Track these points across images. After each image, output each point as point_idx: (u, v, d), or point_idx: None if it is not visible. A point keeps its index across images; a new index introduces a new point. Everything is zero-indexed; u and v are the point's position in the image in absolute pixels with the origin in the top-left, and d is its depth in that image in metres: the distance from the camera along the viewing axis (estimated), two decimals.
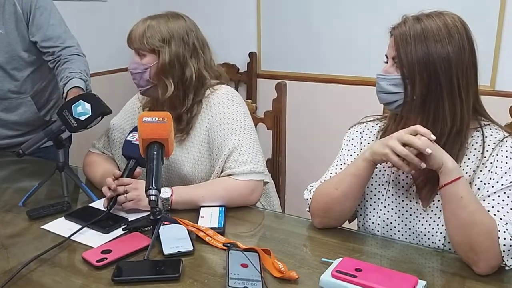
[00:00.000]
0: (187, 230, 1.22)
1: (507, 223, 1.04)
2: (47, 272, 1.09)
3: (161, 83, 1.48)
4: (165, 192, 1.35)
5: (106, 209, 1.33)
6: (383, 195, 1.26)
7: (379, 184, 1.27)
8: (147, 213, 1.20)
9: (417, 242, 1.21)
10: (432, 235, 1.18)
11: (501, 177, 1.10)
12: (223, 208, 1.36)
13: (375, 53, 1.54)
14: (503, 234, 1.02)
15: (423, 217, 1.20)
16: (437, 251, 1.16)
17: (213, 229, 1.23)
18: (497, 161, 1.12)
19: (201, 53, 1.51)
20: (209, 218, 1.30)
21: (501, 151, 1.13)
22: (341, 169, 1.30)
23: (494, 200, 1.09)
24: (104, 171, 1.53)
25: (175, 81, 1.47)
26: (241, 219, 1.36)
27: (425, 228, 1.19)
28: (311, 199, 1.28)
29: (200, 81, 1.50)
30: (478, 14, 2.23)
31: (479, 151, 1.15)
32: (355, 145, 1.32)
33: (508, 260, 1.03)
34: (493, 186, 1.10)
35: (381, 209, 1.26)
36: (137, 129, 1.24)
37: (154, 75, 1.48)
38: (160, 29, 1.45)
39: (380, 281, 0.96)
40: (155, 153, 1.19)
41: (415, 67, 1.11)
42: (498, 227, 1.03)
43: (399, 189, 1.24)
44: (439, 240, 1.17)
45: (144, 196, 1.21)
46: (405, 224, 1.23)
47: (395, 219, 1.24)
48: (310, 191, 1.30)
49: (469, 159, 1.16)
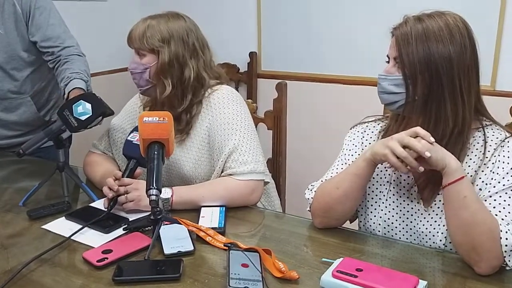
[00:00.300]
0: (188, 230, 1.22)
1: (508, 223, 1.04)
2: (48, 272, 1.08)
3: (159, 83, 1.48)
4: (166, 192, 1.35)
5: (106, 209, 1.33)
6: (384, 195, 1.26)
7: (380, 184, 1.27)
8: (148, 213, 1.20)
9: (418, 242, 1.21)
10: (433, 235, 1.18)
11: (503, 178, 1.10)
12: (224, 208, 1.36)
13: (375, 53, 1.54)
14: (505, 234, 1.02)
15: (424, 217, 1.20)
16: (438, 251, 1.16)
17: (213, 229, 1.23)
18: (498, 161, 1.12)
19: (201, 53, 1.51)
20: (210, 218, 1.30)
21: (503, 151, 1.13)
22: (342, 169, 1.29)
23: (495, 200, 1.09)
24: (104, 171, 1.53)
25: (174, 81, 1.47)
26: (242, 219, 1.36)
27: (426, 228, 1.19)
28: (312, 198, 1.28)
29: (199, 81, 1.50)
30: (478, 14, 2.23)
31: (481, 152, 1.15)
32: (356, 145, 1.32)
33: (509, 260, 1.03)
34: (494, 186, 1.10)
35: (382, 209, 1.25)
36: (137, 129, 1.23)
37: (153, 75, 1.47)
38: (160, 29, 1.45)
39: (381, 281, 0.96)
40: (155, 153, 1.19)
41: (417, 67, 1.11)
42: (500, 227, 1.03)
43: (400, 189, 1.24)
44: (440, 240, 1.16)
45: (144, 196, 1.21)
46: (406, 224, 1.23)
47: (396, 219, 1.24)
48: (311, 190, 1.29)
49: (470, 159, 1.16)
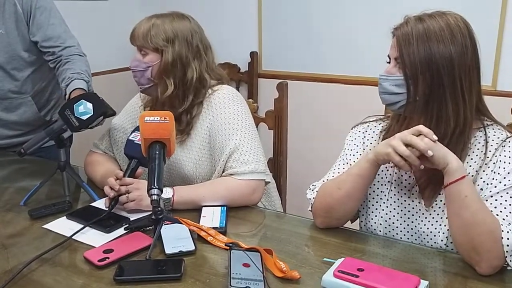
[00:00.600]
0: (189, 229, 1.22)
1: (510, 223, 1.04)
2: (48, 271, 1.08)
3: (161, 82, 1.48)
4: (167, 192, 1.35)
5: (107, 209, 1.33)
6: (385, 195, 1.26)
7: (381, 184, 1.27)
8: (149, 213, 1.20)
9: (419, 242, 1.21)
10: (434, 235, 1.18)
11: (504, 178, 1.10)
12: (225, 207, 1.36)
13: (376, 53, 1.54)
14: (506, 234, 1.02)
15: (426, 217, 1.20)
16: (439, 251, 1.16)
17: (215, 228, 1.23)
18: (500, 161, 1.12)
19: (204, 55, 1.51)
20: (211, 217, 1.30)
21: (504, 151, 1.13)
22: (343, 169, 1.29)
23: (497, 200, 1.09)
24: (105, 171, 1.53)
25: (176, 81, 1.46)
26: (243, 219, 1.36)
27: (427, 228, 1.19)
28: (313, 198, 1.27)
29: (201, 83, 1.50)
30: (479, 14, 2.23)
31: (482, 151, 1.15)
32: (357, 145, 1.32)
33: (511, 260, 1.03)
34: (496, 186, 1.10)
35: (383, 209, 1.25)
36: (139, 128, 1.23)
37: (155, 74, 1.47)
38: (164, 28, 1.45)
39: (382, 281, 0.96)
40: (157, 152, 1.19)
41: (418, 68, 1.11)
42: (501, 227, 1.03)
43: (402, 189, 1.24)
44: (442, 240, 1.16)
45: (145, 196, 1.21)
46: (407, 224, 1.23)
47: (397, 219, 1.24)
48: (313, 190, 1.29)
49: (472, 159, 1.16)
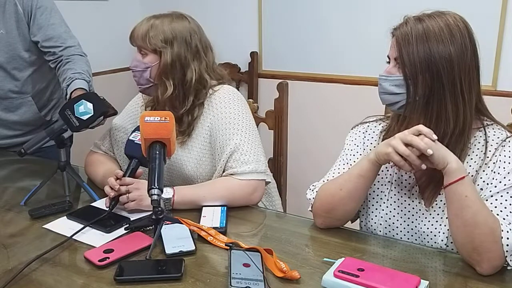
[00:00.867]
0: (189, 229, 1.22)
1: (510, 223, 1.04)
2: (49, 271, 1.08)
3: (161, 83, 1.48)
4: (167, 192, 1.35)
5: (108, 209, 1.33)
6: (385, 195, 1.26)
7: (381, 184, 1.27)
8: (149, 213, 1.20)
9: (420, 242, 1.21)
10: (434, 235, 1.18)
11: (504, 177, 1.10)
12: (225, 207, 1.36)
13: (376, 52, 1.54)
14: (506, 234, 1.02)
15: (426, 217, 1.20)
16: (440, 251, 1.16)
17: (215, 228, 1.23)
18: (500, 161, 1.12)
19: (204, 55, 1.50)
20: (211, 217, 1.30)
21: (504, 151, 1.13)
22: (343, 169, 1.30)
23: (497, 200, 1.09)
24: (105, 171, 1.53)
25: (176, 82, 1.46)
26: (243, 219, 1.36)
27: (427, 228, 1.19)
28: (313, 199, 1.27)
29: (201, 83, 1.50)
30: (479, 14, 2.22)
31: (482, 151, 1.15)
32: (358, 145, 1.32)
33: (511, 260, 1.03)
34: (496, 186, 1.10)
35: (383, 209, 1.25)
36: (139, 128, 1.24)
37: (155, 75, 1.48)
38: (163, 29, 1.45)
39: (382, 281, 0.96)
40: (157, 152, 1.19)
41: (417, 68, 1.11)
42: (501, 227, 1.03)
43: (402, 189, 1.24)
44: (442, 240, 1.16)
45: (146, 196, 1.22)
46: (408, 224, 1.23)
47: (398, 219, 1.24)
48: (313, 190, 1.29)
49: (471, 159, 1.16)
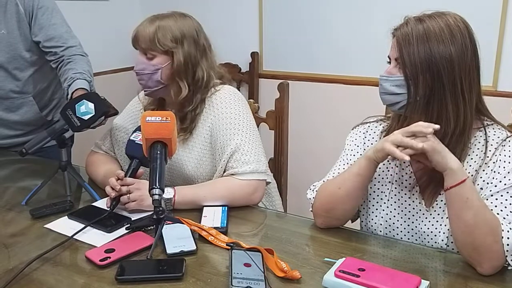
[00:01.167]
0: (190, 229, 1.22)
1: (510, 222, 1.05)
2: (50, 271, 1.09)
3: (174, 85, 1.47)
4: (168, 192, 1.35)
5: (109, 209, 1.34)
6: (386, 195, 1.26)
7: (382, 184, 1.27)
8: (150, 213, 1.20)
9: (420, 242, 1.21)
10: (435, 235, 1.18)
11: (504, 177, 1.10)
12: (226, 207, 1.36)
13: (377, 53, 1.54)
14: (506, 233, 1.02)
15: (426, 217, 1.20)
16: (440, 251, 1.16)
17: (216, 228, 1.24)
18: (500, 160, 1.12)
19: (209, 53, 1.51)
20: (212, 217, 1.30)
21: (504, 150, 1.13)
22: (344, 169, 1.30)
23: (497, 199, 1.09)
24: (106, 171, 1.53)
25: (189, 82, 1.46)
26: (244, 219, 1.36)
27: (428, 228, 1.19)
28: (313, 198, 1.28)
29: (208, 81, 1.50)
30: (480, 14, 2.23)
31: (482, 151, 1.15)
32: (358, 145, 1.32)
33: (511, 260, 1.03)
34: (496, 185, 1.10)
35: (383, 209, 1.26)
36: (140, 128, 1.24)
37: (167, 76, 1.46)
38: (171, 29, 1.43)
39: (383, 281, 0.96)
40: (158, 152, 1.19)
41: (418, 68, 1.11)
42: (501, 227, 1.03)
43: (402, 189, 1.24)
44: (442, 240, 1.16)
45: (147, 196, 1.22)
46: (408, 224, 1.23)
47: (398, 219, 1.24)
48: (313, 190, 1.30)
49: (472, 159, 1.16)
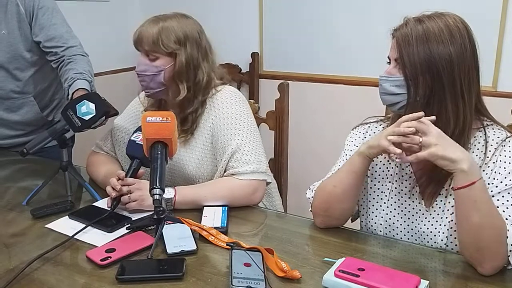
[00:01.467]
0: (191, 229, 1.22)
1: None
2: (50, 271, 1.09)
3: (172, 86, 1.47)
4: (168, 192, 1.35)
5: (109, 209, 1.34)
6: (386, 195, 1.26)
7: (382, 184, 1.27)
8: (151, 213, 1.21)
9: (420, 242, 1.22)
10: (434, 235, 1.18)
11: (505, 177, 1.10)
12: (226, 207, 1.36)
13: (377, 53, 1.54)
14: (510, 233, 1.02)
15: (426, 217, 1.20)
16: (440, 251, 1.16)
17: (216, 228, 1.24)
18: (500, 161, 1.12)
19: (210, 54, 1.51)
20: (212, 217, 1.31)
21: (504, 151, 1.13)
22: None
23: (498, 200, 1.09)
24: (107, 171, 1.53)
25: (189, 84, 1.46)
26: (244, 219, 1.36)
27: (427, 228, 1.20)
28: (312, 198, 1.28)
29: (209, 82, 1.50)
30: (480, 14, 2.23)
31: (482, 152, 1.15)
32: (357, 146, 1.32)
33: None
34: (497, 186, 1.10)
35: (383, 209, 1.26)
36: (141, 128, 1.24)
37: (169, 77, 1.46)
38: (174, 30, 1.43)
39: (382, 281, 0.96)
40: (159, 152, 1.20)
41: (418, 68, 1.11)
42: (506, 227, 1.03)
43: (402, 189, 1.24)
44: (442, 240, 1.17)
45: (147, 196, 1.22)
46: (408, 224, 1.23)
47: (398, 219, 1.24)
48: (312, 190, 1.30)
49: None
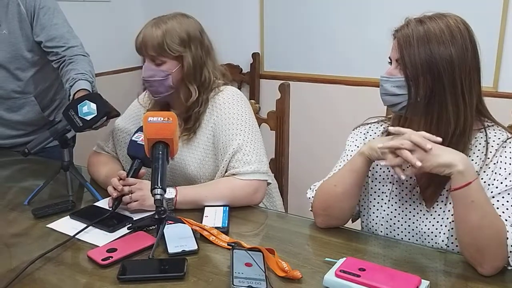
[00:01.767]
0: (192, 229, 1.23)
1: None
2: (52, 270, 1.09)
3: (182, 88, 1.47)
4: (169, 192, 1.35)
5: (111, 209, 1.34)
6: (386, 195, 1.26)
7: (382, 184, 1.27)
8: (152, 213, 1.21)
9: (421, 242, 1.22)
10: (435, 235, 1.18)
11: (505, 178, 1.10)
12: (227, 207, 1.37)
13: (378, 54, 1.54)
14: (510, 234, 1.02)
15: (426, 218, 1.20)
16: (440, 252, 1.16)
17: (217, 228, 1.24)
18: (500, 162, 1.12)
19: (212, 52, 1.51)
20: (213, 217, 1.31)
21: (505, 152, 1.13)
22: None
23: (498, 201, 1.09)
24: (108, 171, 1.54)
25: (198, 85, 1.46)
26: (245, 219, 1.36)
27: (428, 228, 1.20)
28: (312, 197, 1.29)
29: (213, 82, 1.50)
30: (480, 15, 2.23)
31: (483, 152, 1.15)
32: (358, 146, 1.32)
33: None
34: (497, 187, 1.10)
35: (384, 209, 1.26)
36: (142, 129, 1.24)
37: (177, 80, 1.45)
38: (178, 32, 1.42)
39: (383, 281, 0.96)
40: (160, 152, 1.20)
41: (419, 69, 1.11)
42: (506, 228, 1.03)
43: (403, 190, 1.24)
44: (442, 240, 1.17)
45: (148, 196, 1.22)
46: (408, 224, 1.23)
47: (399, 219, 1.25)
48: (312, 190, 1.31)
49: (472, 160, 1.16)
